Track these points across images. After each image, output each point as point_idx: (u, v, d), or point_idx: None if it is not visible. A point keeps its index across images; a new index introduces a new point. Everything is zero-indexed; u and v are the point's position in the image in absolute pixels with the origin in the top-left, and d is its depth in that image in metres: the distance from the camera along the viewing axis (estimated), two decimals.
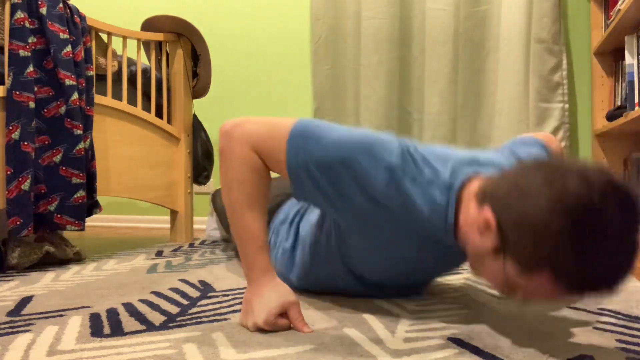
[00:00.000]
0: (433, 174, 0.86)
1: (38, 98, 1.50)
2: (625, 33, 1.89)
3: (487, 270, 0.80)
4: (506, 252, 0.73)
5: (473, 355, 0.75)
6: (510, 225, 0.72)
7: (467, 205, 0.83)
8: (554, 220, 0.67)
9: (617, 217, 0.67)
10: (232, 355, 0.76)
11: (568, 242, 0.67)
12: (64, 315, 0.99)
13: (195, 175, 2.19)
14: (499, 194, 0.76)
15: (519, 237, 0.71)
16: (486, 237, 0.77)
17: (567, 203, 0.67)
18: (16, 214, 1.42)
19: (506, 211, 0.73)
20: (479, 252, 0.80)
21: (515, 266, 0.73)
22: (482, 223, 0.77)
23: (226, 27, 2.72)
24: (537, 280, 0.71)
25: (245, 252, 0.92)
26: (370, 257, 0.98)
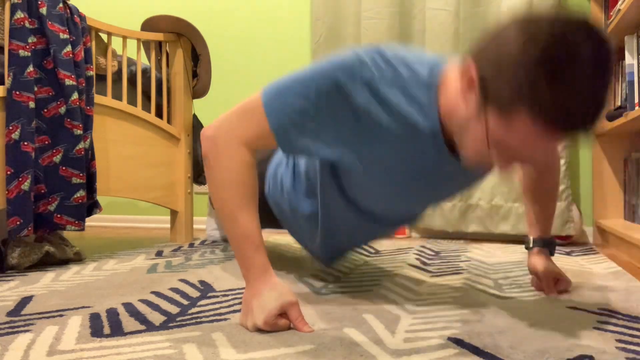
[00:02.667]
0: (411, 73, 0.88)
1: (38, 98, 1.50)
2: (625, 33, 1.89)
3: (472, 138, 0.82)
4: (487, 102, 0.75)
5: (473, 355, 0.75)
6: (489, 70, 0.75)
7: (447, 88, 0.86)
8: (527, 53, 0.70)
9: (589, 49, 0.69)
10: (232, 355, 0.76)
11: (541, 73, 0.69)
12: (64, 315, 0.99)
13: (195, 175, 2.19)
14: (478, 48, 0.79)
15: (497, 80, 0.73)
16: (470, 98, 0.79)
17: (539, 36, 0.69)
18: (16, 214, 1.42)
19: (485, 59, 0.76)
20: (464, 120, 0.82)
21: (496, 115, 0.75)
22: (465, 82, 0.79)
23: (226, 27, 2.72)
24: (518, 125, 0.73)
25: (241, 253, 0.92)
26: (368, 181, 0.99)
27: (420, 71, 0.89)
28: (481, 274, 1.40)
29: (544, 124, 0.72)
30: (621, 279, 1.32)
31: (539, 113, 0.71)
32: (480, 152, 0.82)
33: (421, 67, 0.89)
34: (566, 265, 1.52)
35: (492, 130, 0.77)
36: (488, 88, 0.75)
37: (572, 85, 0.69)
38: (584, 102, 0.71)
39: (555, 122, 0.71)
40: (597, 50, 0.70)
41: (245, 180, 0.92)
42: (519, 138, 0.75)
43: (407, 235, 2.34)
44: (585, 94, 0.70)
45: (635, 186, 2.01)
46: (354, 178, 1.01)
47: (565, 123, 0.72)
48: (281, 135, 0.91)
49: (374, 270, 1.47)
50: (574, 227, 2.08)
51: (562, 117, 0.71)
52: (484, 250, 1.86)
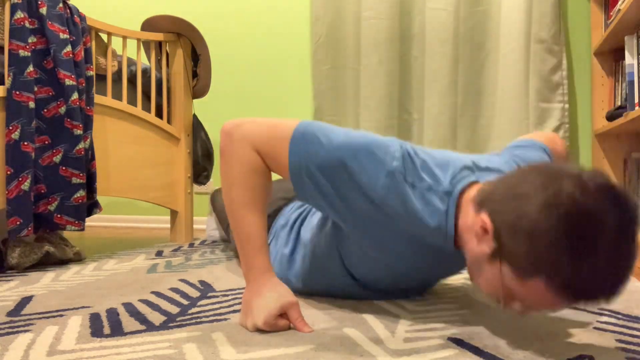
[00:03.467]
0: (433, 180, 0.86)
1: (38, 98, 1.50)
2: (625, 33, 1.89)
3: (484, 277, 0.79)
4: (502, 256, 0.73)
5: (473, 355, 0.75)
6: (505, 229, 0.72)
7: (466, 211, 0.83)
8: (548, 224, 0.66)
9: (613, 221, 0.65)
10: (232, 355, 0.76)
11: (563, 247, 0.66)
12: (64, 315, 0.99)
13: (195, 175, 2.19)
14: (495, 198, 0.76)
15: (514, 242, 0.71)
16: (483, 242, 0.76)
17: (561, 206, 0.66)
18: (16, 214, 1.42)
19: (502, 215, 0.73)
20: (477, 258, 0.79)
21: (511, 272, 0.72)
22: (479, 228, 0.76)
23: (226, 27, 2.72)
24: (533, 286, 0.71)
25: (244, 252, 0.92)
26: (370, 261, 0.97)
27: (441, 178, 0.86)
28: None
29: (561, 295, 0.69)
30: None
31: (557, 284, 0.68)
32: (492, 292, 0.80)
33: (442, 174, 0.87)
34: None
35: (505, 279, 0.74)
36: (504, 246, 0.72)
37: (595, 262, 0.65)
38: (606, 278, 0.67)
39: (572, 294, 0.69)
40: (622, 220, 0.66)
41: (256, 181, 0.92)
42: (531, 296, 0.72)
43: None
44: (607, 271, 0.67)
45: (635, 186, 2.01)
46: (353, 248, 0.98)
47: (582, 296, 0.69)
48: (295, 175, 0.89)
49: None
50: None
51: (582, 292, 0.69)
52: None
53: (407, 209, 0.85)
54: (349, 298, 1.08)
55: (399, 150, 0.87)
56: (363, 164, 0.85)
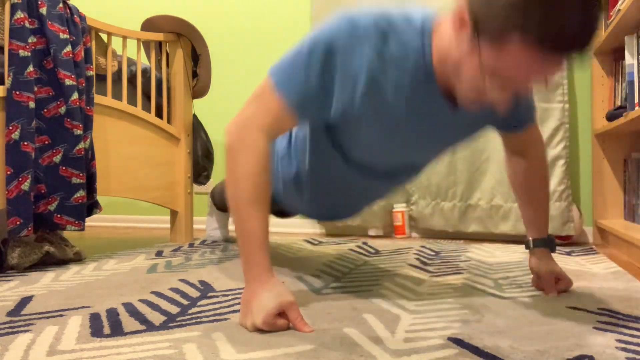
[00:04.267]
0: (405, 23, 0.90)
1: (38, 98, 1.50)
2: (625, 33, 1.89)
3: (467, 75, 0.83)
4: (479, 32, 0.77)
5: (473, 355, 0.75)
6: (477, 4, 0.76)
7: (440, 32, 0.88)
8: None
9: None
10: (232, 355, 0.76)
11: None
12: (64, 315, 0.99)
13: (195, 175, 2.19)
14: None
15: (486, 10, 0.75)
16: (462, 35, 0.81)
17: None
18: (16, 214, 1.42)
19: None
20: (458, 59, 0.83)
21: (489, 46, 0.76)
22: (456, 21, 0.81)
23: (226, 27, 2.72)
24: (511, 51, 0.74)
25: (245, 249, 0.93)
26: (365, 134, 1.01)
27: (414, 19, 0.91)
28: (481, 274, 1.40)
29: (536, 47, 0.72)
30: (621, 279, 1.32)
31: (531, 36, 0.72)
32: (476, 88, 0.83)
33: (415, 16, 0.92)
34: (566, 265, 1.52)
35: (486, 60, 0.78)
36: (479, 21, 0.77)
37: (563, 6, 0.70)
38: (576, 22, 0.71)
39: (547, 43, 0.72)
40: None
41: (259, 179, 0.93)
42: (513, 63, 0.76)
43: (407, 235, 2.34)
44: (577, 14, 0.70)
45: (635, 186, 2.01)
46: (350, 133, 1.03)
47: (557, 43, 0.72)
48: (300, 109, 0.94)
49: (374, 270, 1.47)
50: (574, 227, 2.08)
51: (554, 38, 0.71)
52: (484, 250, 1.86)
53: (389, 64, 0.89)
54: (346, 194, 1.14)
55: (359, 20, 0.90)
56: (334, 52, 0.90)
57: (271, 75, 0.96)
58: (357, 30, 0.89)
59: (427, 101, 0.95)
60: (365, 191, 1.21)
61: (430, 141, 1.08)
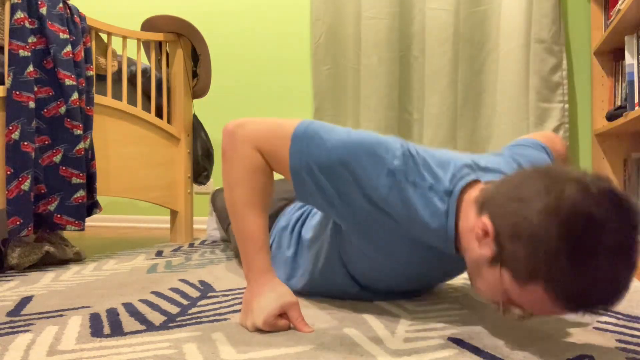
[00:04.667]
0: (434, 179, 0.85)
1: (38, 98, 1.50)
2: (625, 33, 1.89)
3: (483, 280, 0.78)
4: (502, 261, 0.72)
5: (473, 355, 0.75)
6: (506, 233, 0.71)
7: (467, 212, 0.83)
8: (549, 229, 0.65)
9: (615, 228, 0.64)
10: (232, 355, 0.76)
11: (563, 252, 0.65)
12: (64, 315, 0.99)
13: (195, 175, 2.19)
14: (497, 201, 0.75)
15: (514, 246, 0.70)
16: (484, 245, 0.76)
17: (563, 210, 0.65)
18: (16, 214, 1.42)
19: (503, 219, 0.72)
20: (477, 261, 0.79)
21: (510, 276, 0.72)
22: (480, 231, 0.76)
23: (226, 27, 2.72)
24: (532, 292, 0.70)
25: (245, 252, 0.92)
26: (370, 263, 0.97)
27: (442, 178, 0.86)
28: None
29: (560, 302, 0.68)
30: None
31: (556, 292, 0.67)
32: (491, 295, 0.79)
33: (443, 173, 0.86)
34: None
35: (505, 284, 0.73)
36: (504, 250, 0.71)
37: (596, 270, 0.64)
38: (604, 288, 0.66)
39: (571, 302, 0.68)
40: (624, 227, 0.65)
41: (258, 180, 0.92)
42: (530, 302, 0.72)
43: None
44: (607, 280, 0.65)
45: (635, 186, 2.01)
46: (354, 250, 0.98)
47: (584, 305, 0.69)
48: (296, 174, 0.89)
49: None
50: None
51: (581, 300, 0.68)
52: None
53: (408, 209, 0.84)
54: (350, 299, 1.08)
55: (400, 149, 0.86)
56: (364, 163, 0.85)
57: (300, 127, 0.90)
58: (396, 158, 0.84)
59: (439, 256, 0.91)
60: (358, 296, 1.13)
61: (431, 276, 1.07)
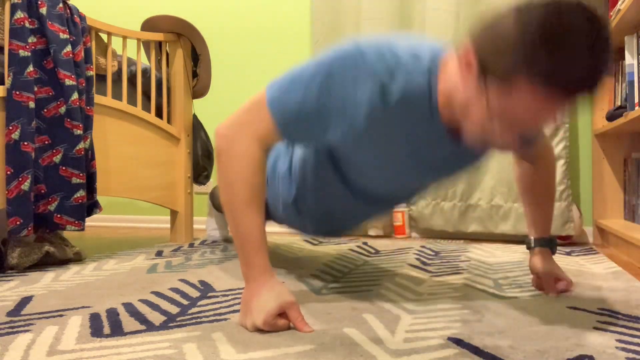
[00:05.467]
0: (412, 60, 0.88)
1: (38, 98, 1.50)
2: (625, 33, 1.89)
3: (474, 116, 0.82)
4: (486, 74, 0.76)
5: (473, 355, 0.75)
6: (486, 45, 0.77)
7: (446, 69, 0.87)
8: (524, 28, 0.71)
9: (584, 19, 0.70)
10: (232, 355, 0.76)
11: (539, 41, 0.70)
12: (64, 315, 0.99)
13: (195, 175, 2.19)
14: (475, 31, 0.80)
15: (495, 52, 0.75)
16: (468, 77, 0.80)
17: (534, 13, 0.71)
18: (16, 214, 1.42)
19: (482, 38, 0.78)
20: (465, 100, 0.82)
21: (496, 88, 0.76)
22: (463, 63, 0.80)
23: (226, 27, 2.72)
24: (520, 92, 0.73)
25: (244, 251, 0.93)
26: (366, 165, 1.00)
27: (422, 56, 0.89)
28: (481, 274, 1.40)
29: (544, 88, 0.72)
30: (621, 279, 1.32)
31: (539, 77, 0.71)
32: (482, 129, 0.82)
33: (423, 52, 0.90)
34: (566, 265, 1.52)
35: (493, 102, 0.77)
36: (486, 63, 0.76)
37: (571, 49, 0.69)
38: (584, 65, 0.71)
39: (555, 85, 0.72)
40: (592, 18, 0.70)
41: (254, 181, 0.93)
42: (520, 105, 0.75)
43: (407, 235, 2.34)
44: (585, 57, 0.70)
45: (635, 186, 2.01)
46: (353, 161, 1.02)
47: (565, 85, 0.72)
48: (286, 130, 0.93)
49: (374, 270, 1.47)
50: (574, 227, 2.08)
51: (562, 80, 0.71)
52: (484, 250, 1.86)
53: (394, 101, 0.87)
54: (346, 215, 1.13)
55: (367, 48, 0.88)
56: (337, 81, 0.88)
57: (268, 89, 0.94)
58: (364, 62, 0.87)
59: (431, 138, 0.94)
60: (364, 211, 1.20)
61: (432, 171, 1.08)
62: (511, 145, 0.83)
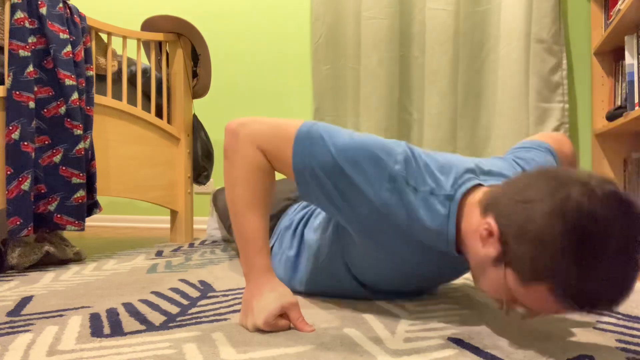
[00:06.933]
0: (435, 183, 0.85)
1: (38, 98, 1.50)
2: (625, 33, 1.89)
3: (487, 280, 0.79)
4: (507, 261, 0.73)
5: (473, 355, 0.75)
6: (511, 234, 0.72)
7: (470, 215, 0.83)
8: (555, 231, 0.66)
9: (620, 230, 0.65)
10: (232, 355, 0.76)
11: (568, 254, 0.65)
12: (64, 315, 0.99)
13: (195, 175, 2.19)
14: (501, 203, 0.75)
15: (519, 247, 0.70)
16: (488, 245, 0.76)
17: (569, 213, 0.66)
18: (16, 214, 1.42)
19: (508, 220, 0.73)
20: (481, 261, 0.79)
21: (515, 276, 0.72)
22: (484, 231, 0.76)
23: (226, 27, 2.72)
24: (536, 292, 0.70)
25: (245, 252, 0.92)
26: (373, 261, 0.97)
27: (444, 183, 0.86)
28: None
29: (564, 301, 0.69)
30: None
31: (561, 291, 0.68)
32: (495, 294, 0.80)
33: (445, 177, 0.86)
34: None
35: (509, 284, 0.74)
36: (509, 250, 0.72)
37: (600, 270, 0.65)
38: (609, 290, 0.67)
39: (576, 304, 0.69)
40: (629, 230, 0.66)
41: (259, 180, 0.92)
42: (535, 301, 0.73)
43: None
44: (612, 281, 0.66)
45: (635, 186, 2.01)
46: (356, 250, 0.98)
47: (588, 305, 0.69)
48: (299, 175, 0.90)
49: None
50: None
51: (586, 300, 0.68)
52: None
53: (409, 213, 0.84)
54: (351, 298, 1.08)
55: (402, 153, 0.86)
56: (365, 167, 0.85)
57: (301, 128, 0.90)
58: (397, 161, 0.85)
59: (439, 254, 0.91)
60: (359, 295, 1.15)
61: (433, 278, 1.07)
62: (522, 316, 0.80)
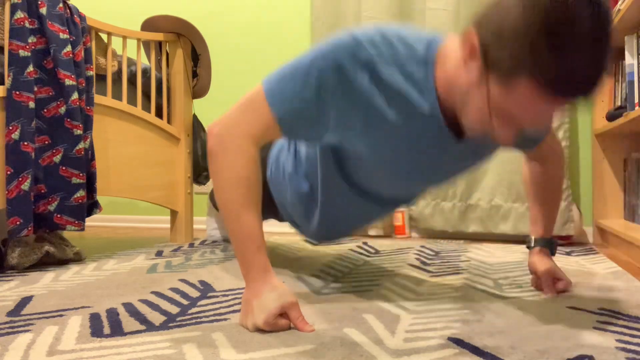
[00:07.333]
0: (407, 50, 0.88)
1: (38, 98, 1.50)
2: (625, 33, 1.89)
3: (473, 107, 0.82)
4: (488, 68, 0.76)
5: (473, 355, 0.75)
6: (489, 37, 0.76)
7: (445, 59, 0.87)
8: (527, 19, 0.70)
9: (590, 14, 0.69)
10: (232, 355, 0.76)
11: (542, 40, 0.69)
12: (64, 315, 0.99)
13: (195, 175, 2.19)
14: (478, 14, 0.80)
15: (498, 46, 0.74)
16: (471, 65, 0.79)
17: (539, 4, 0.70)
18: (16, 214, 1.42)
19: (485, 26, 0.77)
20: (465, 89, 0.82)
21: (497, 84, 0.75)
22: (467, 50, 0.79)
23: (226, 27, 2.72)
24: (519, 91, 0.73)
25: (242, 252, 0.92)
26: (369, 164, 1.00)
27: (417, 47, 0.89)
28: (481, 274, 1.40)
29: (545, 90, 0.72)
30: (621, 279, 1.32)
31: (540, 80, 0.71)
32: (482, 121, 0.82)
33: (418, 43, 0.89)
34: (566, 265, 1.52)
35: (494, 97, 0.77)
36: (489, 55, 0.76)
37: (573, 51, 0.69)
38: (585, 68, 0.71)
39: (556, 88, 0.72)
40: (597, 14, 0.70)
41: (250, 180, 0.92)
42: (520, 104, 0.76)
43: (407, 235, 2.34)
44: (586, 59, 0.70)
45: (635, 186, 2.01)
46: (355, 160, 1.02)
47: (566, 88, 0.73)
48: (286, 124, 0.92)
49: (374, 270, 1.47)
50: (574, 227, 2.08)
51: (563, 83, 0.72)
52: (484, 250, 1.86)
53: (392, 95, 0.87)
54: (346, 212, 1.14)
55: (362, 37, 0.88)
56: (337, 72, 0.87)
57: (264, 84, 0.93)
58: (360, 53, 0.87)
59: (432, 134, 0.93)
60: (368, 213, 1.20)
61: (435, 171, 1.07)
62: (509, 139, 0.83)
